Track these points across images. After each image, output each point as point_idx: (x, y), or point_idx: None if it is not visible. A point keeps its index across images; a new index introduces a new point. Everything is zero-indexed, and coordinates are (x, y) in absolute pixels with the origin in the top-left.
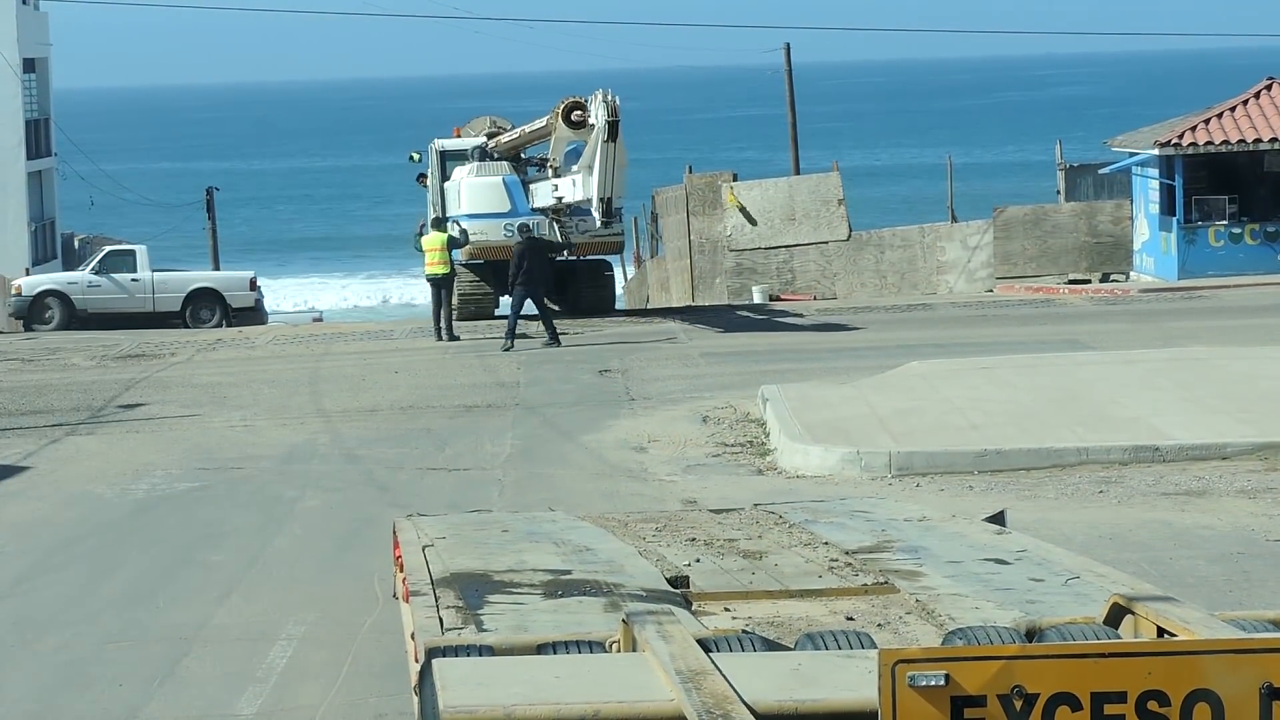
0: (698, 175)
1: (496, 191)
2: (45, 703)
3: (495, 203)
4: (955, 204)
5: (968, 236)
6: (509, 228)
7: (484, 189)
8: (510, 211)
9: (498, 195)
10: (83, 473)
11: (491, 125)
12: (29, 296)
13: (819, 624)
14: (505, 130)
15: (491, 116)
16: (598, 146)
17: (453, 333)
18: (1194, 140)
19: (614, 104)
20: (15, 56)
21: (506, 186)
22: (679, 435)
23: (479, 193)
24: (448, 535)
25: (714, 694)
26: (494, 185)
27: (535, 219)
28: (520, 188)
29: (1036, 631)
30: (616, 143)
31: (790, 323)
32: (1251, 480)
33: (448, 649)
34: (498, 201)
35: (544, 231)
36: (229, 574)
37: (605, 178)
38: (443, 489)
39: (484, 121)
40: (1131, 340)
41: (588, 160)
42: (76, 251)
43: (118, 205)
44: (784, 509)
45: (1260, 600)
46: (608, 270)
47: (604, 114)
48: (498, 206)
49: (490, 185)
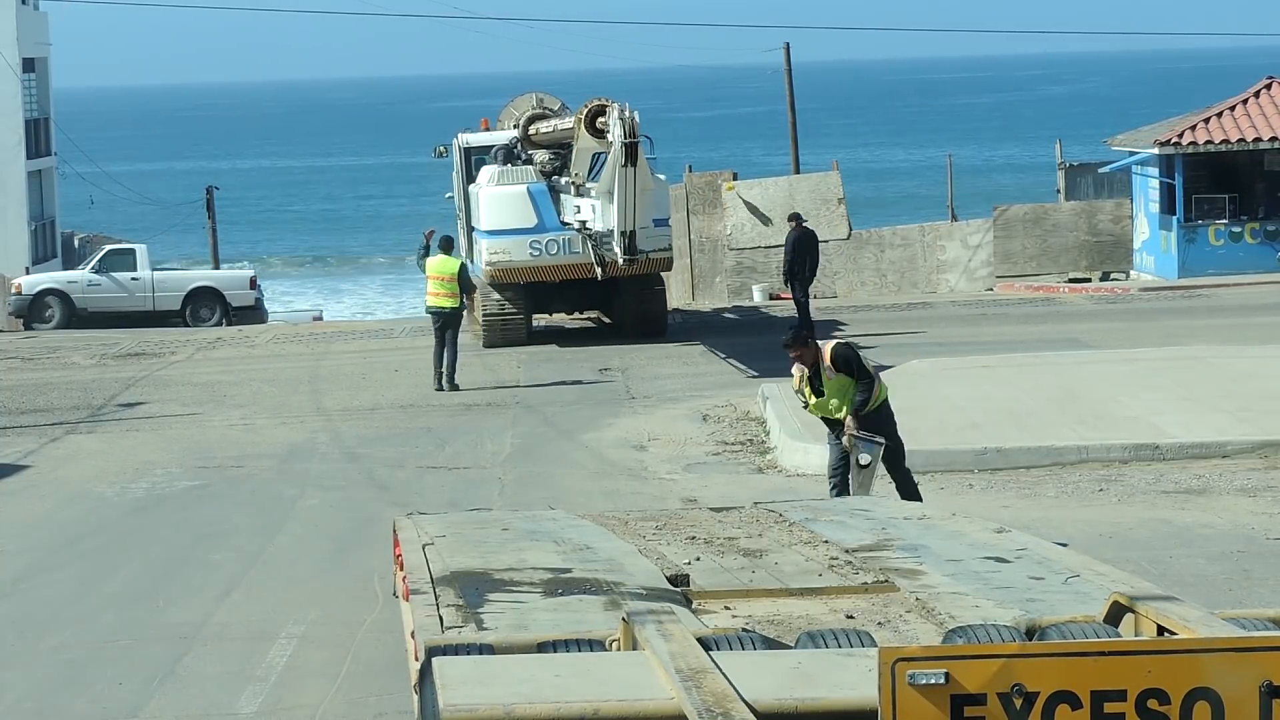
0: (697, 174)
1: (520, 203)
2: (45, 701)
3: (519, 217)
4: (955, 203)
5: (968, 235)
6: (536, 245)
7: (506, 200)
8: (537, 226)
9: (522, 208)
10: (83, 471)
11: (538, 105)
12: (29, 295)
13: (819, 622)
14: (551, 113)
15: (538, 94)
16: (615, 171)
17: (454, 381)
18: (1194, 139)
19: (633, 122)
20: (15, 56)
21: (532, 197)
22: (679, 434)
23: (500, 205)
24: (448, 534)
25: (714, 693)
26: (517, 196)
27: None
28: (548, 197)
29: (1037, 630)
30: (637, 167)
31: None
32: (1251, 479)
33: (448, 647)
34: (522, 215)
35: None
36: (229, 573)
37: (626, 209)
38: (443, 488)
39: (529, 101)
40: (1131, 339)
41: (606, 185)
42: (76, 250)
43: (117, 204)
44: (784, 507)
45: (1260, 598)
46: (658, 285)
47: (620, 133)
48: (522, 221)
49: (513, 196)
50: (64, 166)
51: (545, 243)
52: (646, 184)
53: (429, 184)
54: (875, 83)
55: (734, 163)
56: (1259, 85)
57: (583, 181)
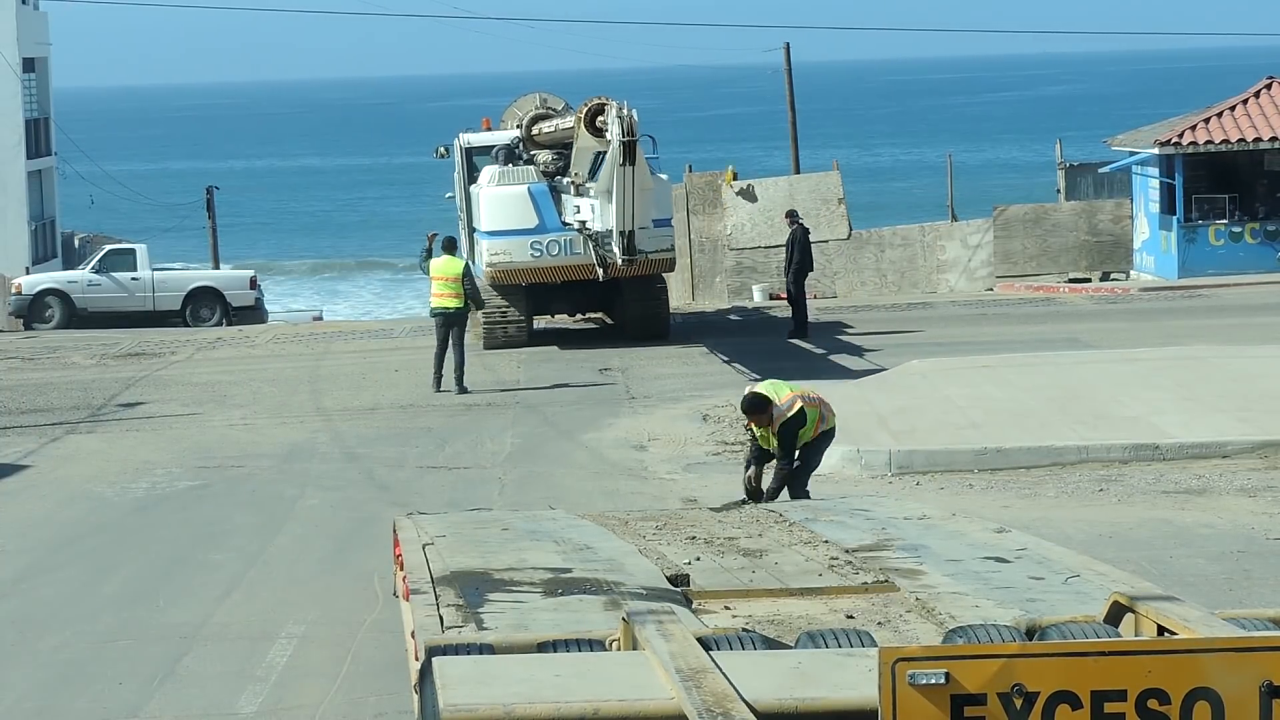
0: (697, 174)
1: (521, 204)
2: (46, 701)
3: (520, 217)
4: (955, 203)
5: (968, 235)
6: (537, 246)
7: (506, 201)
8: (538, 227)
9: (522, 208)
10: (83, 471)
11: (541, 105)
12: (29, 295)
13: (819, 622)
14: (554, 113)
15: (542, 94)
16: (613, 171)
17: (463, 384)
18: (1194, 139)
19: (631, 121)
20: (15, 56)
21: (532, 197)
22: (679, 434)
23: (501, 205)
24: (448, 534)
25: (714, 692)
26: (518, 197)
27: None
28: (549, 197)
29: (1037, 630)
30: (635, 166)
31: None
32: (1252, 479)
33: (448, 647)
34: (523, 216)
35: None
36: (229, 573)
37: (624, 209)
38: (443, 487)
39: (532, 101)
40: (1132, 339)
41: (604, 184)
42: (76, 250)
43: (117, 204)
44: (784, 507)
45: (1260, 598)
46: (660, 286)
47: (619, 132)
48: (523, 222)
49: (514, 197)
50: (64, 166)
51: (546, 243)
52: (645, 183)
53: (425, 185)
54: (875, 83)
55: (734, 163)
56: (1259, 85)
57: (583, 181)
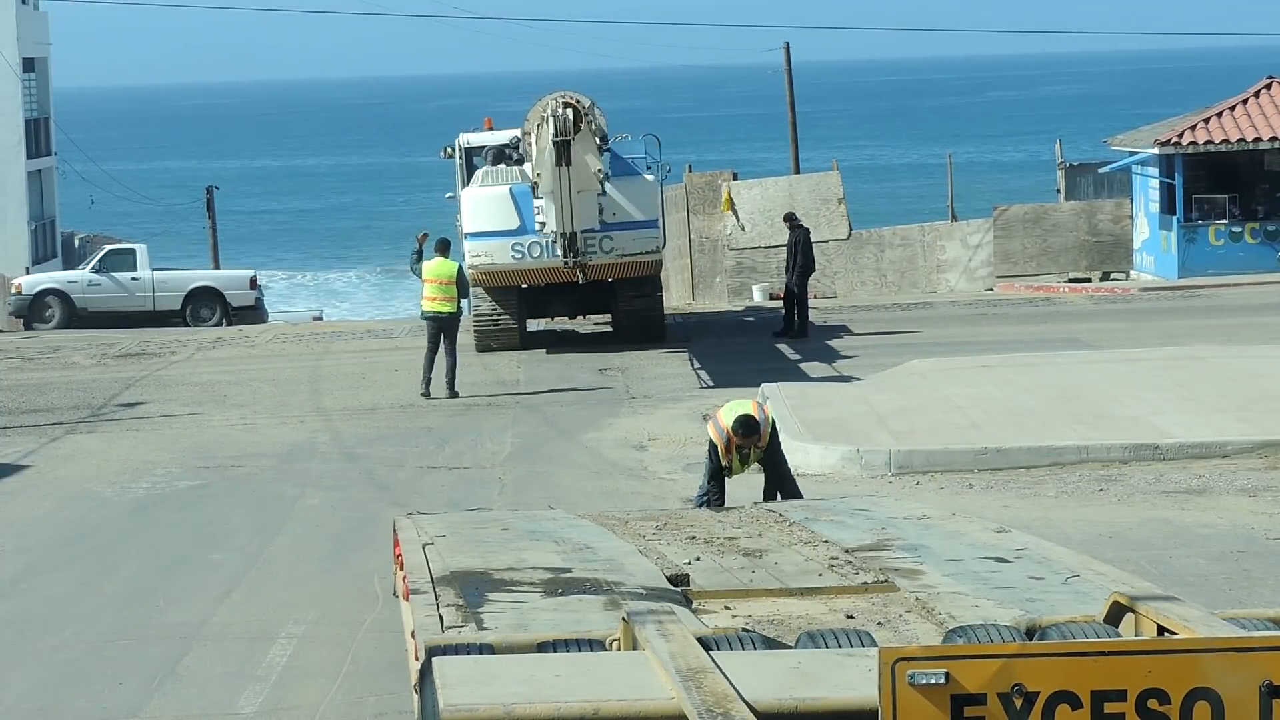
0: (697, 174)
1: (502, 205)
2: (45, 701)
3: (501, 218)
4: (955, 203)
5: (968, 235)
6: (519, 248)
7: (488, 202)
8: (519, 228)
9: (504, 209)
10: (83, 471)
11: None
12: (29, 295)
13: (819, 622)
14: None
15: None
16: (552, 172)
17: (454, 388)
18: (1194, 139)
19: (566, 120)
20: (15, 56)
21: (514, 199)
22: (679, 433)
23: (482, 207)
24: (448, 533)
25: (714, 692)
26: (499, 198)
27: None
28: (532, 198)
29: (1037, 630)
30: (573, 166)
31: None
32: (1251, 478)
33: (448, 647)
34: (504, 217)
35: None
36: (229, 573)
37: (563, 211)
38: (443, 487)
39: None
40: (1132, 339)
41: (547, 186)
42: (76, 250)
43: (118, 204)
44: (784, 507)
45: (1260, 598)
46: (652, 288)
47: (551, 131)
48: (505, 223)
49: (495, 198)
50: (64, 166)
51: (528, 245)
52: (587, 184)
53: (425, 185)
54: (875, 83)
55: (734, 163)
56: (1259, 85)
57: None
